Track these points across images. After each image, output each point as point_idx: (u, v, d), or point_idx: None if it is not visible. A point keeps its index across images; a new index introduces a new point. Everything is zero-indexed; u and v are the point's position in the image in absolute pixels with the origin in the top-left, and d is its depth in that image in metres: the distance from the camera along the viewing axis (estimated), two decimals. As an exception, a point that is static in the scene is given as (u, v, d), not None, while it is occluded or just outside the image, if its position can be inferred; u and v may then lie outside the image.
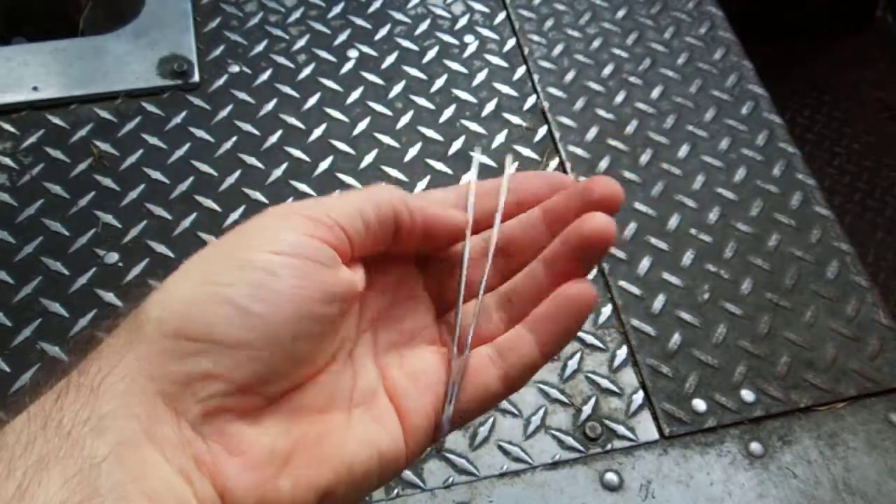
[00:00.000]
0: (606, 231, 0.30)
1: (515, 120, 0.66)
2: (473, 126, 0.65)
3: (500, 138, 0.65)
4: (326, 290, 0.27)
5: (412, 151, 0.64)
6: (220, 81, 0.67)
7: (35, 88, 0.64)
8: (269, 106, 0.66)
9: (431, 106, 0.67)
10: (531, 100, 0.67)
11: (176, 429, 0.25)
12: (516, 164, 0.63)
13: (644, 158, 0.65)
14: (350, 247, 0.29)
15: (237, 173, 0.62)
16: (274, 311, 0.26)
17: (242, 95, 0.66)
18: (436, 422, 0.30)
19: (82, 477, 0.22)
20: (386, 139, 0.64)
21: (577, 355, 0.54)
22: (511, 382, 0.31)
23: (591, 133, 0.66)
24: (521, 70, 0.69)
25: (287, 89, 0.67)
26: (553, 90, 0.68)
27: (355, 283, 0.29)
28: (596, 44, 0.72)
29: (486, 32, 0.72)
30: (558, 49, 0.71)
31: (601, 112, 0.67)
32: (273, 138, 0.64)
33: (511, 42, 0.71)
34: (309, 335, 0.27)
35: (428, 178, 0.62)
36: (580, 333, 0.55)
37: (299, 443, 0.27)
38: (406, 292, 0.33)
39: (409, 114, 0.66)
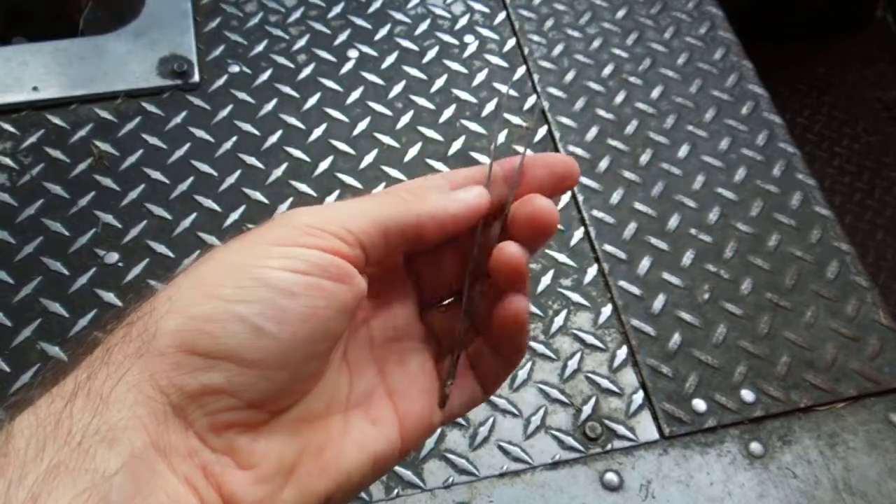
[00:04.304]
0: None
1: (515, 120, 0.66)
2: (473, 126, 0.65)
3: (500, 138, 0.65)
4: (341, 307, 0.27)
5: (412, 151, 0.64)
6: (220, 81, 0.67)
7: (35, 88, 0.64)
8: (269, 106, 0.66)
9: (431, 106, 0.67)
10: (531, 100, 0.67)
11: (184, 438, 0.25)
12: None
13: (644, 158, 0.65)
14: (365, 260, 0.28)
15: (237, 173, 0.62)
16: (289, 332, 0.26)
17: (242, 95, 0.66)
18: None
19: (94, 491, 0.22)
20: (386, 139, 0.64)
21: (577, 355, 0.54)
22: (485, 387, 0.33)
23: (591, 133, 0.66)
24: (521, 70, 0.69)
25: (287, 89, 0.67)
26: (553, 90, 0.68)
27: (365, 290, 0.28)
28: (596, 44, 0.72)
29: (486, 32, 0.72)
30: (558, 49, 0.71)
31: (601, 112, 0.67)
32: (273, 138, 0.64)
33: (511, 42, 0.71)
34: (321, 354, 0.27)
35: (428, 178, 0.62)
36: (580, 333, 0.55)
37: (303, 452, 0.27)
38: (393, 284, 0.32)
39: (409, 114, 0.66)
